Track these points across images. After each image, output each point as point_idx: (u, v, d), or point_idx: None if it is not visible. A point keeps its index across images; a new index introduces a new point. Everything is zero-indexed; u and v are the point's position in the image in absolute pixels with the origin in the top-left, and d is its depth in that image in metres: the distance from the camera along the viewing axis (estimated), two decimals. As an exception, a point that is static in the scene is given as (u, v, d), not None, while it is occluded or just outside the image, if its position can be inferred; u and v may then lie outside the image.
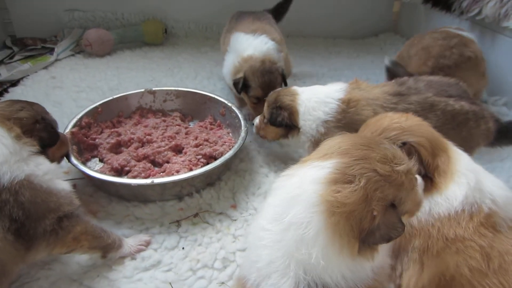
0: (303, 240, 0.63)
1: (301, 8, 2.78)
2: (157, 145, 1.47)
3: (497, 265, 0.74)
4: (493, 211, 0.80)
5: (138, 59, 2.42)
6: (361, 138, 0.76)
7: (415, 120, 0.93)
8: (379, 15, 2.90)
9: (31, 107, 1.07)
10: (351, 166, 0.66)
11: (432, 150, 0.86)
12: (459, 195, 0.81)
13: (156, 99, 1.73)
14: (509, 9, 1.69)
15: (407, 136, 0.87)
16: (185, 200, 1.30)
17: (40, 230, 0.91)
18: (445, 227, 0.80)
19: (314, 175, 0.67)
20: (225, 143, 1.49)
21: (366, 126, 0.96)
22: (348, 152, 0.69)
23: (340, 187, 0.64)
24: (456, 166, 0.86)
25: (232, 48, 1.72)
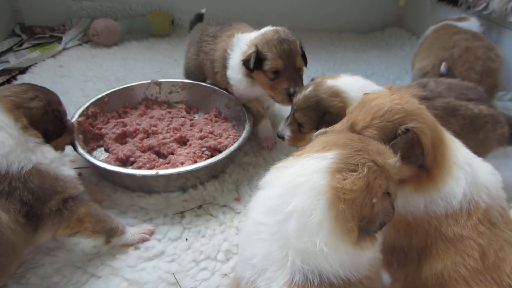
0: (306, 228, 0.64)
1: (307, 3, 2.77)
2: (162, 136, 1.49)
3: (491, 262, 0.75)
4: (489, 205, 0.80)
5: (144, 50, 2.43)
6: (353, 134, 0.80)
7: (415, 103, 0.88)
8: (384, 10, 2.88)
9: (45, 96, 1.09)
10: (353, 156, 0.69)
11: (432, 140, 0.82)
12: (457, 193, 0.80)
13: (162, 91, 1.74)
14: (517, 5, 1.68)
15: (411, 121, 0.82)
16: (189, 192, 1.32)
17: (46, 210, 0.95)
18: (443, 226, 0.79)
19: (317, 165, 0.69)
20: (229, 136, 1.50)
21: (364, 104, 0.89)
22: (348, 144, 0.72)
23: (346, 175, 0.67)
24: (453, 158, 0.84)
25: (235, 45, 1.50)
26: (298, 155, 0.74)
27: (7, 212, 0.89)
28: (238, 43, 1.49)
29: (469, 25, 1.81)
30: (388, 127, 0.83)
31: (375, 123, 0.84)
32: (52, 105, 1.10)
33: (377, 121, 0.84)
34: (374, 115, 0.84)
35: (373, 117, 0.84)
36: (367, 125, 0.85)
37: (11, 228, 0.88)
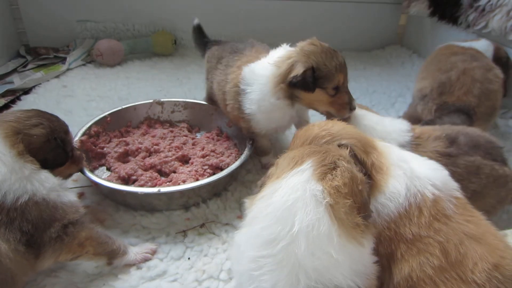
0: (317, 242, 0.64)
1: (308, 21, 2.82)
2: (164, 155, 1.49)
3: (454, 258, 0.75)
4: (437, 196, 0.81)
5: (147, 69, 2.46)
6: (307, 145, 0.86)
7: (341, 125, 0.93)
8: (385, 28, 2.92)
9: (50, 124, 1.05)
10: (326, 158, 0.74)
11: (364, 149, 0.87)
12: (400, 189, 0.81)
13: (164, 110, 1.76)
14: (516, 23, 1.70)
15: (338, 141, 0.87)
16: (191, 210, 1.31)
17: (46, 238, 0.93)
18: (400, 227, 0.80)
19: (303, 177, 0.70)
20: (231, 154, 1.50)
21: (296, 138, 0.95)
22: (313, 151, 0.76)
23: (332, 175, 0.71)
24: (388, 160, 0.87)
25: (252, 79, 1.34)
26: (274, 180, 0.74)
27: (7, 241, 0.87)
28: (252, 74, 1.34)
29: (478, 45, 1.72)
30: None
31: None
32: (56, 133, 1.05)
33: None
34: (304, 143, 0.90)
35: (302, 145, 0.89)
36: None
37: (10, 258, 0.86)
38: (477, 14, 1.93)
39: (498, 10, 1.80)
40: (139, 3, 2.71)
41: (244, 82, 1.35)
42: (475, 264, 0.73)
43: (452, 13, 2.20)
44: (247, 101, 1.35)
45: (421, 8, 2.48)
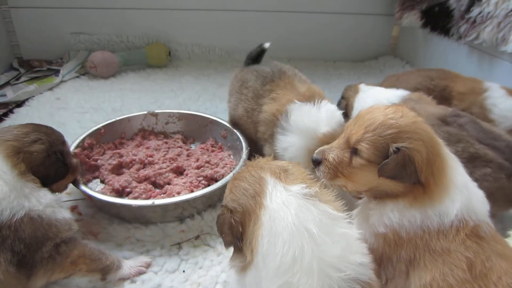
0: (326, 230, 0.71)
1: (302, 33, 2.85)
2: (159, 166, 1.48)
3: (478, 271, 0.76)
4: (477, 224, 0.82)
5: (141, 81, 2.46)
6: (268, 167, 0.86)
7: (410, 117, 0.86)
8: (378, 39, 2.96)
9: (48, 138, 1.04)
10: (306, 178, 0.81)
11: (427, 156, 0.82)
12: (451, 213, 0.81)
13: (158, 121, 1.75)
14: (506, 33, 1.72)
15: (403, 139, 0.82)
16: (186, 222, 1.29)
17: (38, 258, 0.90)
18: (433, 240, 0.80)
19: (302, 197, 0.75)
20: (226, 165, 1.49)
21: (358, 119, 0.90)
22: (290, 174, 0.82)
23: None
24: (451, 177, 0.84)
25: (297, 126, 1.26)
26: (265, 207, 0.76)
27: None
28: (299, 121, 1.25)
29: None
30: (380, 142, 0.84)
31: (367, 136, 0.85)
32: (55, 146, 1.05)
33: (369, 134, 0.85)
34: (367, 128, 0.85)
35: (365, 131, 0.85)
36: (359, 138, 0.86)
37: (0, 280, 0.84)
38: (468, 25, 1.96)
39: (489, 21, 1.83)
40: (132, 15, 2.72)
41: (286, 121, 1.28)
42: (499, 278, 0.74)
43: (444, 25, 2.23)
44: (282, 140, 1.29)
45: (413, 19, 2.52)
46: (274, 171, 0.80)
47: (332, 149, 0.93)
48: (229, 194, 0.81)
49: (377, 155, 0.84)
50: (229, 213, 0.77)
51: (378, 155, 0.84)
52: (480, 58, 2.06)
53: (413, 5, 2.50)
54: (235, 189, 0.80)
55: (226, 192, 0.85)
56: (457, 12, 2.07)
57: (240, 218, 0.76)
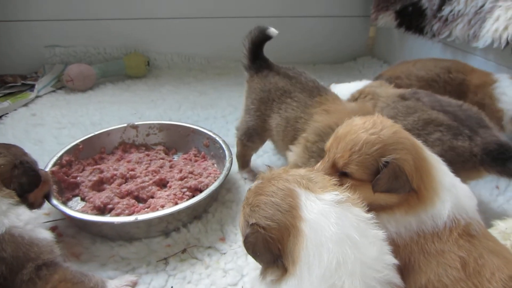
0: (362, 233, 0.73)
1: (281, 37, 2.84)
2: (141, 180, 1.45)
3: (472, 269, 0.77)
4: (468, 222, 0.84)
5: (120, 92, 2.42)
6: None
7: (390, 128, 0.87)
8: (356, 41, 3.00)
9: (8, 151, 1.04)
10: (333, 185, 0.80)
11: (414, 163, 0.84)
12: (444, 214, 0.82)
13: (139, 134, 1.72)
14: (476, 30, 1.76)
15: (390, 152, 0.83)
16: (172, 236, 1.27)
17: (17, 281, 0.87)
18: (428, 243, 0.82)
19: (337, 204, 0.75)
20: (210, 174, 1.48)
21: (339, 140, 0.89)
22: (316, 182, 0.81)
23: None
24: (439, 178, 0.86)
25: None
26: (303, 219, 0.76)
27: None
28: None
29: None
30: (368, 160, 0.85)
31: (355, 158, 0.85)
32: (18, 157, 1.05)
33: (356, 156, 0.85)
34: (352, 150, 0.85)
35: (351, 153, 0.86)
36: (347, 161, 0.86)
37: None
38: (441, 24, 2.00)
39: (460, 19, 1.87)
40: (109, 25, 2.68)
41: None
42: (492, 274, 0.76)
43: (418, 24, 2.27)
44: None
45: (388, 20, 2.55)
46: (300, 182, 0.79)
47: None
48: (258, 211, 0.77)
49: (367, 173, 0.86)
50: (263, 231, 0.75)
51: (369, 173, 0.86)
52: (454, 55, 2.11)
53: (387, 6, 2.53)
54: (265, 206, 0.77)
55: (250, 210, 0.80)
56: (430, 11, 2.11)
57: (277, 235, 0.74)
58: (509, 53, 1.63)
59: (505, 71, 1.73)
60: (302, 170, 0.85)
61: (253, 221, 0.76)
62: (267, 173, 0.85)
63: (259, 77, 1.48)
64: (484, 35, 1.68)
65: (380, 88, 1.51)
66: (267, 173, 0.86)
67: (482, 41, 1.70)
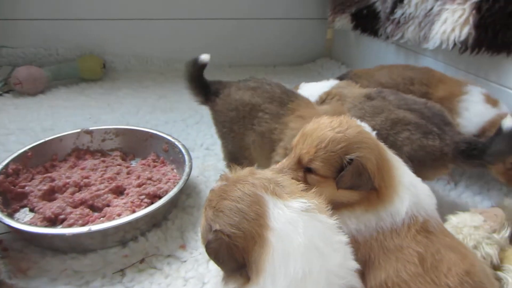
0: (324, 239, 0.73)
1: (241, 39, 2.86)
2: (96, 188, 1.39)
3: (429, 264, 0.80)
4: (426, 219, 0.87)
5: (75, 96, 2.32)
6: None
7: (355, 128, 0.90)
8: (314, 42, 3.05)
9: None
10: (300, 191, 0.78)
11: (376, 162, 0.87)
12: (402, 211, 0.85)
13: (94, 139, 1.65)
14: (426, 32, 1.83)
15: (354, 150, 0.86)
16: (129, 246, 1.22)
17: None
18: (387, 239, 0.84)
19: (305, 213, 0.74)
20: (169, 180, 1.44)
21: (306, 136, 0.90)
22: (284, 187, 0.78)
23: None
24: (399, 178, 0.89)
25: None
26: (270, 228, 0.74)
27: None
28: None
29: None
30: (333, 157, 0.87)
31: (320, 154, 0.87)
32: None
33: (321, 152, 0.87)
34: (318, 146, 0.87)
35: (317, 149, 0.87)
36: (312, 158, 0.88)
37: None
38: (394, 26, 2.07)
39: (411, 22, 1.94)
40: (62, 26, 2.57)
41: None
42: (449, 269, 0.78)
43: (372, 26, 2.34)
44: None
45: (344, 22, 2.62)
46: (267, 187, 0.76)
47: (284, 170, 0.92)
48: (223, 217, 0.74)
49: (332, 170, 0.87)
50: (227, 239, 0.72)
51: (333, 170, 0.87)
52: (407, 56, 2.19)
53: (343, 9, 2.59)
54: (230, 212, 0.74)
55: (212, 213, 0.76)
56: (383, 14, 2.18)
57: (242, 243, 0.71)
58: (457, 54, 1.71)
59: (454, 71, 1.82)
60: (269, 172, 0.83)
61: (216, 227, 0.73)
62: (232, 174, 0.82)
63: (222, 98, 1.40)
64: (434, 37, 1.75)
65: (347, 88, 1.53)
66: (231, 173, 0.83)
67: (431, 42, 1.77)
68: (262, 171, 0.84)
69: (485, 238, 1.01)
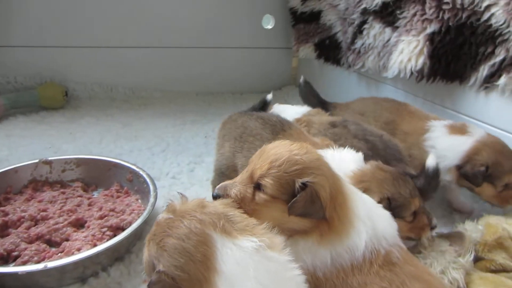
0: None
1: (209, 67, 2.89)
2: (54, 221, 1.31)
3: None
4: (388, 251, 0.84)
5: (34, 125, 2.23)
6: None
7: (314, 154, 0.88)
8: (280, 71, 3.14)
9: None
10: (251, 226, 0.75)
11: (330, 191, 0.84)
12: (360, 245, 0.82)
13: (53, 170, 1.58)
14: (385, 61, 1.93)
15: (308, 175, 0.83)
16: (89, 282, 1.15)
17: None
18: (349, 277, 0.81)
19: (255, 253, 0.70)
20: (133, 211, 1.39)
21: (262, 153, 0.89)
22: (234, 223, 0.75)
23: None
24: (354, 209, 0.86)
25: None
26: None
27: None
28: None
29: None
30: (285, 178, 0.83)
31: (272, 172, 0.84)
32: None
33: (274, 170, 0.84)
34: (271, 164, 0.84)
35: (270, 166, 0.84)
36: (264, 173, 0.85)
37: None
38: (355, 55, 2.17)
39: (371, 52, 2.04)
40: (21, 53, 2.50)
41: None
42: None
43: (335, 56, 2.44)
44: None
45: (308, 52, 2.71)
46: (217, 224, 0.71)
47: (234, 184, 0.90)
48: (168, 258, 0.68)
49: (281, 191, 0.83)
50: (171, 281, 0.67)
51: (282, 191, 0.84)
52: (368, 84, 2.29)
53: (307, 39, 2.70)
54: (175, 252, 0.68)
55: (156, 250, 0.70)
56: (344, 44, 2.28)
57: (188, 287, 0.67)
58: (414, 83, 1.80)
59: (412, 98, 1.91)
60: (220, 205, 0.79)
61: (160, 268, 0.68)
62: (179, 205, 0.77)
63: (228, 122, 1.47)
64: (392, 66, 1.84)
65: (316, 116, 1.59)
66: (178, 204, 0.78)
67: (390, 71, 1.86)
68: (213, 202, 0.80)
69: (451, 263, 1.01)
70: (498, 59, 1.46)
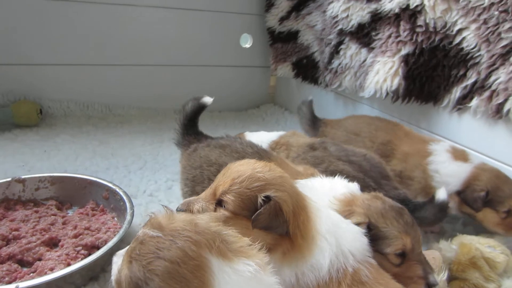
0: None
1: (186, 85, 2.89)
2: (26, 241, 1.27)
3: None
4: (356, 268, 0.83)
5: (6, 143, 2.16)
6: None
7: (277, 172, 0.88)
8: (258, 89, 3.18)
9: None
10: (246, 248, 0.72)
11: (293, 208, 0.83)
12: (324, 264, 0.80)
13: (26, 188, 1.53)
14: (361, 81, 1.99)
15: (270, 190, 0.83)
16: (62, 303, 1.11)
17: None
18: None
19: (251, 277, 0.67)
20: (109, 229, 1.36)
21: (227, 170, 0.89)
22: (229, 243, 0.72)
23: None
24: (316, 227, 0.84)
25: None
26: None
27: None
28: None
29: None
30: (246, 194, 0.83)
31: (234, 188, 0.84)
32: None
33: (236, 187, 0.84)
34: (234, 181, 0.85)
35: (232, 183, 0.85)
36: (226, 190, 0.85)
37: None
38: (332, 75, 2.23)
39: (347, 71, 2.11)
40: (-7, 71, 2.44)
41: None
42: None
43: (312, 75, 2.50)
44: None
45: (286, 70, 2.77)
46: (212, 246, 0.67)
47: (198, 200, 0.90)
48: (160, 283, 0.62)
49: (242, 207, 0.83)
50: None
51: (244, 207, 0.83)
52: (345, 103, 2.35)
53: (285, 58, 2.76)
54: (169, 278, 0.62)
55: (143, 274, 0.64)
56: (322, 64, 2.35)
57: None
58: (390, 102, 1.85)
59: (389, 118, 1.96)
60: (212, 222, 0.73)
61: None
62: (164, 220, 0.71)
63: (187, 153, 1.36)
64: (368, 86, 1.90)
65: (292, 137, 1.57)
66: (163, 218, 0.71)
67: (367, 91, 1.92)
68: (202, 218, 0.74)
69: None
70: (470, 81, 1.52)
